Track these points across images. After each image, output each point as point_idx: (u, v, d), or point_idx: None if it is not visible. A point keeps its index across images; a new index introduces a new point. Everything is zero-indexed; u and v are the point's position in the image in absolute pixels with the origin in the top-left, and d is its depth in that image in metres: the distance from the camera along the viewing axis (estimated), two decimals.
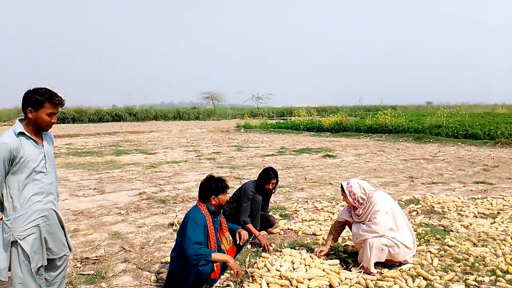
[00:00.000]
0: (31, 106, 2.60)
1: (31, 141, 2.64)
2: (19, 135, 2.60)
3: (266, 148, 15.36)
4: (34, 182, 2.65)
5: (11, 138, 2.58)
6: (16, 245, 2.63)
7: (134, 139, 20.38)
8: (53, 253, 2.80)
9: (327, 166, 10.30)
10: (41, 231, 2.69)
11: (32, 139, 2.65)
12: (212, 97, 60.42)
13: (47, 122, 2.66)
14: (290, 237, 4.82)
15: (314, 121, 25.64)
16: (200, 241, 3.18)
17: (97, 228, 5.22)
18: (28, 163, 2.61)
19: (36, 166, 2.65)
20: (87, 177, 8.92)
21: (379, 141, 17.33)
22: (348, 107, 59.81)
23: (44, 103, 2.61)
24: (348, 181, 3.89)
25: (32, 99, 2.60)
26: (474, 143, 15.20)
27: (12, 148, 2.54)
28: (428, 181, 8.18)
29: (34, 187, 2.65)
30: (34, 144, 2.66)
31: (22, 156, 2.58)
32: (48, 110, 2.63)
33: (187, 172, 9.64)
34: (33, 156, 2.63)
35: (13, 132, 2.60)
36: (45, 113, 2.63)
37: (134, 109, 44.50)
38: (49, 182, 2.75)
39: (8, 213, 2.62)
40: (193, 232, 3.19)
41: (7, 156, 2.53)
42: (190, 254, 3.12)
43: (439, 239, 4.50)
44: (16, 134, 2.60)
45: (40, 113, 2.62)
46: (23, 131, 2.62)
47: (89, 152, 14.14)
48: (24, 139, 2.61)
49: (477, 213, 5.62)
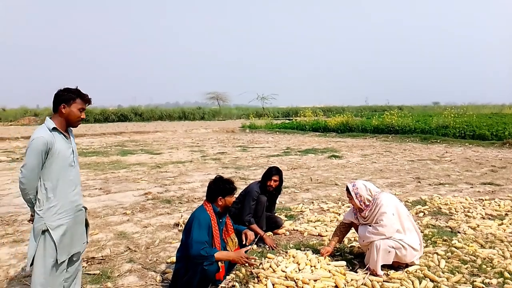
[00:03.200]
0: (64, 102, 2.82)
1: (62, 135, 2.85)
2: (52, 130, 2.80)
3: (272, 148, 15.34)
4: (65, 175, 2.84)
5: (46, 132, 2.77)
6: (45, 234, 2.76)
7: (139, 139, 20.45)
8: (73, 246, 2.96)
9: (332, 167, 10.27)
10: (69, 223, 2.86)
11: (62, 134, 2.86)
12: (217, 97, 60.53)
13: (78, 116, 2.88)
14: (296, 238, 4.80)
15: (320, 121, 25.59)
16: (204, 240, 3.17)
17: (103, 228, 5.23)
18: (60, 156, 2.80)
19: (66, 159, 2.85)
20: (92, 177, 8.95)
21: (386, 142, 17.26)
22: (354, 108, 59.67)
23: (76, 98, 2.85)
24: (354, 183, 3.86)
25: (65, 96, 2.83)
26: (482, 144, 15.10)
27: (48, 141, 2.72)
28: (435, 182, 8.12)
29: (65, 179, 2.84)
30: (64, 138, 2.86)
31: (56, 149, 2.77)
32: (79, 105, 2.86)
33: (192, 172, 9.65)
34: (64, 150, 2.83)
35: (47, 128, 2.80)
36: (76, 108, 2.85)
37: (139, 109, 44.70)
38: (76, 175, 2.97)
39: (41, 203, 2.76)
40: (197, 232, 3.18)
41: (43, 148, 2.70)
42: (193, 255, 3.12)
43: (446, 241, 4.46)
44: (50, 129, 2.79)
45: (73, 108, 2.84)
46: (56, 126, 2.82)
47: (94, 152, 14.20)
48: (57, 133, 2.82)
49: (485, 215, 5.57)
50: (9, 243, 4.67)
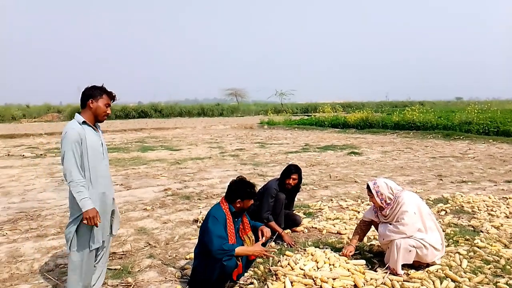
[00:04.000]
0: (92, 97, 3.04)
1: (91, 128, 3.06)
2: (82, 124, 3.00)
3: (290, 145, 15.30)
4: (97, 165, 3.04)
5: (77, 125, 2.97)
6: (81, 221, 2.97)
7: (159, 135, 20.69)
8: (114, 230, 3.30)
9: (352, 164, 10.17)
10: (101, 211, 3.04)
11: (92, 127, 3.07)
12: (236, 93, 60.62)
13: (104, 111, 3.09)
14: (314, 235, 4.78)
15: (339, 117, 25.35)
16: (223, 235, 3.20)
17: (124, 223, 5.32)
18: (92, 148, 3.00)
19: (97, 151, 3.06)
20: (113, 173, 9.10)
21: (406, 138, 16.99)
22: (374, 103, 58.89)
23: (102, 94, 3.08)
24: (374, 181, 3.81)
25: (92, 92, 3.06)
26: (506, 141, 14.70)
27: (80, 132, 2.93)
28: (457, 179, 7.96)
29: (98, 169, 3.05)
30: (94, 131, 3.08)
31: (87, 141, 2.97)
32: (105, 101, 3.08)
33: (211, 168, 9.71)
34: (94, 142, 3.04)
35: (77, 122, 3.00)
36: (103, 103, 3.07)
37: (159, 105, 45.18)
38: (106, 168, 3.17)
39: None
40: (214, 227, 3.20)
41: (76, 138, 2.91)
42: (214, 249, 3.12)
43: (469, 240, 4.37)
44: (80, 122, 2.99)
45: (100, 103, 3.05)
46: (85, 120, 3.02)
47: (115, 148, 14.43)
48: (86, 126, 3.02)
49: (509, 214, 5.43)
50: (33, 238, 4.80)
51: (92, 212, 2.89)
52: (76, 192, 2.87)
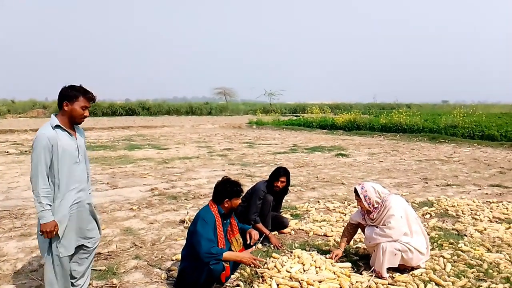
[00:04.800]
0: (67, 99, 2.86)
1: (66, 133, 2.89)
2: (55, 128, 2.85)
3: (278, 145, 15.33)
4: (70, 171, 2.89)
5: (48, 129, 2.83)
6: None
7: (147, 133, 20.54)
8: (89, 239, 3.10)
9: (339, 165, 10.23)
10: (72, 218, 2.92)
11: (66, 131, 2.90)
12: (225, 92, 60.47)
13: (80, 114, 2.91)
14: (301, 237, 4.80)
15: (327, 118, 25.52)
16: (212, 238, 3.19)
17: (109, 223, 5.26)
18: (64, 153, 2.84)
19: (71, 156, 2.89)
20: (100, 172, 9.01)
21: (393, 141, 17.17)
22: (362, 105, 59.34)
23: (79, 96, 2.88)
24: (362, 185, 3.84)
25: (68, 93, 2.87)
26: (491, 145, 14.96)
27: (50, 138, 2.78)
28: (442, 183, 8.07)
29: (69, 176, 2.88)
30: (68, 135, 2.91)
31: (59, 146, 2.81)
32: (81, 103, 2.89)
33: (199, 168, 9.67)
34: (68, 146, 2.88)
35: (50, 125, 2.85)
36: (79, 106, 2.88)
37: (147, 103, 44.84)
38: (82, 172, 3.01)
39: (54, 199, 2.85)
40: (203, 229, 3.19)
41: (46, 145, 2.76)
42: (202, 252, 3.11)
43: (453, 244, 4.43)
44: (53, 126, 2.84)
45: (75, 106, 2.87)
46: (59, 124, 2.86)
47: (102, 146, 14.28)
48: (60, 131, 2.86)
49: (492, 218, 5.52)
50: (17, 237, 4.72)
51: (50, 226, 2.76)
52: (37, 202, 2.76)
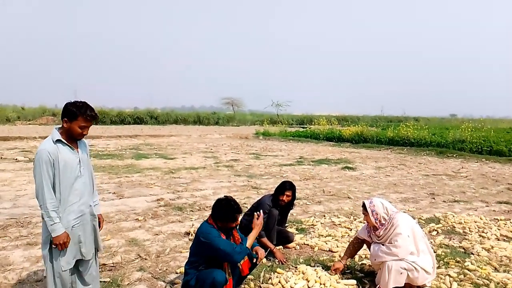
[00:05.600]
0: (67, 116, 2.89)
1: (67, 147, 2.93)
2: (56, 142, 2.88)
3: (285, 157, 15.31)
4: (71, 185, 2.92)
5: (49, 144, 2.87)
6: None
7: (154, 142, 20.64)
8: (84, 254, 3.06)
9: (346, 179, 10.19)
10: (74, 232, 2.95)
11: (68, 145, 2.93)
12: (232, 102, 60.78)
13: (78, 133, 2.93)
14: (306, 252, 4.77)
15: (334, 131, 25.46)
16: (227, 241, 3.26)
17: (115, 233, 5.28)
18: (66, 167, 2.88)
19: (72, 170, 2.92)
20: (107, 181, 9.06)
21: (400, 154, 17.08)
22: (369, 117, 59.27)
23: (78, 116, 2.88)
24: (371, 200, 3.82)
25: (69, 111, 2.89)
26: (499, 160, 14.82)
27: (50, 152, 2.82)
28: (449, 198, 8.00)
29: (71, 189, 2.92)
30: (70, 149, 2.94)
31: (60, 160, 2.85)
32: (80, 123, 2.90)
33: (205, 179, 9.68)
34: (70, 160, 2.91)
35: (51, 140, 2.89)
36: (77, 125, 2.90)
37: (155, 112, 45.15)
38: (84, 185, 3.02)
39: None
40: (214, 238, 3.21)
41: (47, 159, 2.80)
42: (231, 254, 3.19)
43: (459, 262, 4.38)
44: (54, 141, 2.88)
45: (73, 125, 2.90)
46: (60, 138, 2.90)
47: (110, 155, 14.37)
48: (61, 145, 2.90)
49: (500, 236, 5.46)
50: (23, 246, 4.75)
51: (62, 238, 2.82)
52: (46, 217, 2.79)
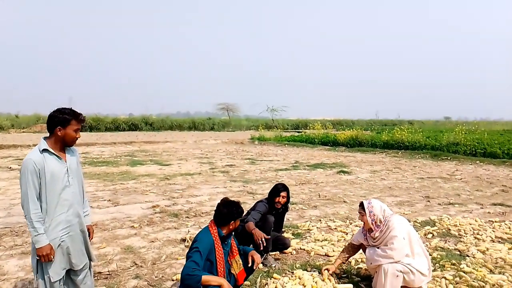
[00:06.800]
0: (60, 124, 2.85)
1: (54, 156, 2.87)
2: (43, 152, 2.84)
3: (280, 162, 15.33)
4: (58, 196, 2.86)
5: (35, 154, 2.82)
6: None
7: (149, 149, 20.58)
8: (74, 264, 2.99)
9: (341, 183, 10.22)
10: (63, 243, 2.89)
11: (55, 155, 2.87)
12: (228, 108, 60.84)
13: (73, 137, 2.92)
14: (302, 257, 4.77)
15: (329, 135, 25.52)
16: (197, 261, 3.06)
17: (110, 241, 5.26)
18: (52, 177, 2.82)
19: (59, 180, 2.86)
20: (102, 188, 9.02)
21: (395, 158, 17.14)
22: (364, 121, 59.54)
23: (71, 120, 2.88)
24: (369, 200, 3.84)
25: (60, 118, 2.86)
26: (493, 162, 14.92)
27: (36, 162, 2.77)
28: (444, 201, 8.04)
29: (58, 199, 2.86)
30: (57, 159, 2.88)
31: (46, 171, 2.79)
32: (74, 126, 2.90)
33: (200, 185, 9.67)
34: (56, 171, 2.85)
35: (38, 149, 2.84)
36: (72, 129, 2.89)
37: (150, 118, 45.10)
38: (73, 195, 2.96)
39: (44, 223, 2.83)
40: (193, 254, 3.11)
41: (32, 169, 2.76)
42: (183, 274, 3.00)
43: (455, 265, 4.40)
44: (40, 150, 2.83)
45: (68, 130, 2.88)
46: (47, 147, 2.85)
47: (104, 162, 14.31)
48: (48, 155, 2.84)
49: (495, 238, 5.49)
50: (18, 255, 4.71)
51: (46, 249, 2.76)
52: (30, 227, 2.75)
